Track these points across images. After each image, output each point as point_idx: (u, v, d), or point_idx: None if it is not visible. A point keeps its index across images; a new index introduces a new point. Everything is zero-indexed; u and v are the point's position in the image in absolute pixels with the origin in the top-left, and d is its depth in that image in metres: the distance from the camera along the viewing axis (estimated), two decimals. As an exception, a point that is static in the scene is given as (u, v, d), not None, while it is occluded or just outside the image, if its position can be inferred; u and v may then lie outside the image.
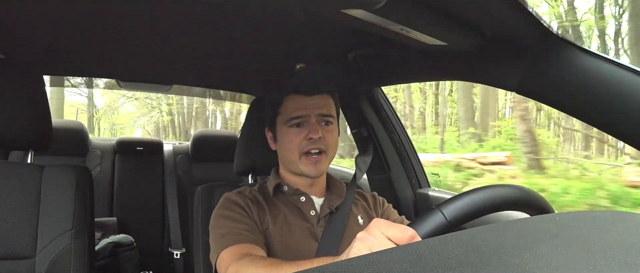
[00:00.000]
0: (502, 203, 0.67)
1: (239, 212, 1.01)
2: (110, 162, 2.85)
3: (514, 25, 0.89)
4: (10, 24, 1.23)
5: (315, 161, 1.03)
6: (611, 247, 0.39)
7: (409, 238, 0.53)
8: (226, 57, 1.64)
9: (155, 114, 13.93)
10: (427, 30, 0.94)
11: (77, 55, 1.61)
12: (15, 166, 1.17)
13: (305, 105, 1.04)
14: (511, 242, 0.42)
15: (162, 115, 13.64)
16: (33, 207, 1.11)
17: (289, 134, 1.05)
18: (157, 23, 1.25)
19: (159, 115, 13.96)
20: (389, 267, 0.35)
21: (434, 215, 0.62)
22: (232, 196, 1.06)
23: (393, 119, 1.77)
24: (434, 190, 1.74)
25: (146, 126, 14.79)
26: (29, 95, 1.17)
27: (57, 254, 1.10)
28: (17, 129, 1.15)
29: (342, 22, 0.87)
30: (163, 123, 14.20)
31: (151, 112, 13.91)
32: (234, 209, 1.02)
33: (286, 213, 1.04)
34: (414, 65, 1.33)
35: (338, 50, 1.42)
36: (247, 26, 1.23)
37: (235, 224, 0.98)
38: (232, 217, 1.00)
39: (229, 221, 0.99)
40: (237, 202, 1.03)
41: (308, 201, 1.07)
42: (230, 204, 1.03)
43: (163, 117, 13.93)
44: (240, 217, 1.00)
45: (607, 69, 0.80)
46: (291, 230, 1.02)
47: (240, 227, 0.97)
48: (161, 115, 13.83)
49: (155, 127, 15.37)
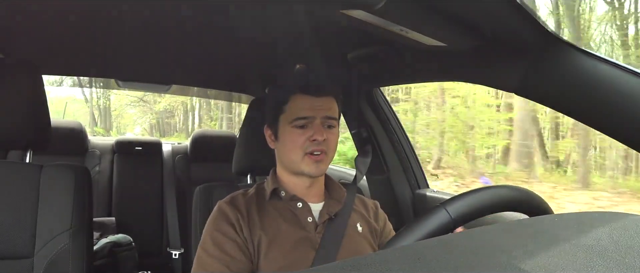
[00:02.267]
0: (506, 203, 0.67)
1: (229, 234, 1.00)
2: (109, 161, 2.85)
3: (514, 26, 0.89)
4: (9, 23, 1.23)
5: (317, 160, 1.03)
6: (610, 248, 0.39)
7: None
8: (225, 57, 1.64)
9: (148, 116, 16.57)
10: (426, 31, 0.94)
11: (76, 54, 1.61)
12: (14, 165, 1.17)
13: (312, 106, 1.03)
14: (510, 243, 0.42)
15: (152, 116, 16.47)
16: (31, 207, 1.11)
17: (293, 133, 1.04)
18: (157, 22, 1.25)
19: (151, 116, 16.74)
20: (388, 268, 0.35)
21: (439, 212, 0.62)
22: (224, 207, 1.04)
23: (392, 119, 1.78)
24: (433, 191, 1.74)
25: (143, 125, 17.67)
26: (28, 94, 1.17)
27: (55, 254, 1.10)
28: (16, 128, 1.15)
29: (342, 22, 0.87)
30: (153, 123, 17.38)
31: (145, 115, 16.73)
32: (225, 230, 1.00)
33: (280, 222, 1.02)
34: (413, 66, 1.33)
35: (337, 51, 1.42)
36: (246, 27, 1.23)
37: (222, 256, 0.97)
38: (220, 243, 0.98)
39: (217, 249, 0.98)
40: (228, 219, 1.01)
41: (305, 207, 1.06)
42: (221, 220, 1.02)
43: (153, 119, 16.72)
44: (227, 242, 0.99)
45: (607, 70, 0.80)
46: (285, 239, 1.00)
47: (225, 259, 0.97)
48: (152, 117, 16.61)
49: (149, 126, 18.32)
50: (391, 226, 1.19)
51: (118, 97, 15.49)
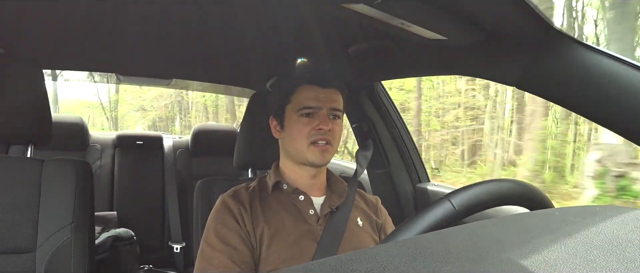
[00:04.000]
0: (509, 197, 0.68)
1: (232, 226, 1.00)
2: (110, 156, 2.85)
3: (514, 20, 0.88)
4: (10, 19, 1.23)
5: (322, 149, 1.04)
6: (610, 242, 0.39)
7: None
8: (226, 51, 1.64)
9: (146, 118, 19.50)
10: (427, 25, 0.94)
11: (77, 49, 1.61)
12: (16, 160, 1.18)
13: (318, 97, 1.05)
14: (510, 237, 0.42)
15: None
16: (33, 202, 1.11)
17: (299, 122, 1.05)
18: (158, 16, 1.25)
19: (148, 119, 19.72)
20: (389, 262, 0.35)
21: (443, 204, 0.63)
22: (227, 200, 1.05)
23: (393, 113, 1.77)
24: (434, 185, 1.75)
25: (142, 125, 19.73)
26: (29, 89, 1.17)
27: (57, 248, 1.11)
28: (17, 123, 1.15)
29: (343, 16, 0.87)
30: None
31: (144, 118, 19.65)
32: (227, 222, 1.01)
33: (283, 215, 1.04)
34: (414, 59, 1.33)
35: (339, 45, 1.42)
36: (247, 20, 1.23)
37: (226, 248, 0.98)
38: (223, 236, 0.99)
39: (220, 242, 0.98)
40: (231, 211, 1.02)
41: (307, 200, 1.07)
42: (224, 213, 1.03)
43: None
44: (230, 234, 0.99)
45: (607, 64, 0.80)
46: (287, 232, 1.01)
47: (229, 251, 0.97)
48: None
49: (147, 127, 20.79)
50: (391, 221, 1.20)
51: (122, 106, 18.70)
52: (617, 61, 0.79)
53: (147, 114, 18.21)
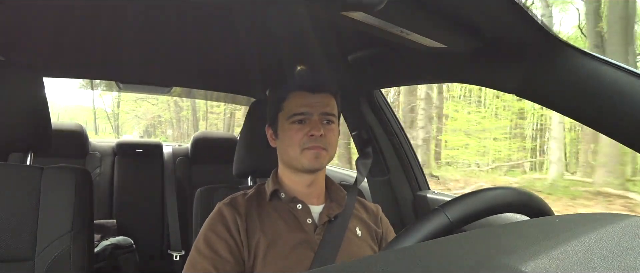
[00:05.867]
0: (505, 205, 0.67)
1: (222, 234, 1.00)
2: (109, 164, 2.85)
3: (514, 28, 0.89)
4: (10, 26, 1.23)
5: (315, 153, 1.03)
6: (610, 250, 0.39)
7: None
8: (226, 59, 1.64)
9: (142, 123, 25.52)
10: (426, 33, 0.94)
11: (77, 57, 1.62)
12: (15, 168, 1.17)
13: (309, 102, 1.04)
14: (510, 245, 0.42)
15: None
16: (32, 209, 1.11)
17: (291, 129, 1.04)
18: (157, 25, 1.25)
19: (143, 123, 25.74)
20: (387, 270, 0.35)
21: (438, 215, 0.62)
22: (223, 208, 1.04)
23: (392, 121, 1.77)
24: (433, 192, 1.74)
25: (138, 130, 24.55)
26: (29, 97, 1.18)
27: (56, 256, 1.10)
28: (17, 131, 1.15)
29: (342, 24, 0.87)
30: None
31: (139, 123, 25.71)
32: (218, 230, 1.00)
33: (280, 224, 1.02)
34: (413, 67, 1.33)
35: (338, 53, 1.42)
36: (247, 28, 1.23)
37: (211, 255, 0.97)
38: (212, 243, 0.98)
39: (207, 248, 0.98)
40: (225, 219, 1.01)
41: (304, 209, 1.06)
42: (217, 221, 1.02)
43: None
44: (219, 242, 0.99)
45: (607, 72, 0.80)
46: (283, 241, 1.00)
47: (214, 258, 0.97)
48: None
49: (142, 131, 25.35)
50: (393, 230, 1.19)
51: (122, 115, 24.43)
52: (616, 68, 0.79)
53: (140, 121, 24.50)
